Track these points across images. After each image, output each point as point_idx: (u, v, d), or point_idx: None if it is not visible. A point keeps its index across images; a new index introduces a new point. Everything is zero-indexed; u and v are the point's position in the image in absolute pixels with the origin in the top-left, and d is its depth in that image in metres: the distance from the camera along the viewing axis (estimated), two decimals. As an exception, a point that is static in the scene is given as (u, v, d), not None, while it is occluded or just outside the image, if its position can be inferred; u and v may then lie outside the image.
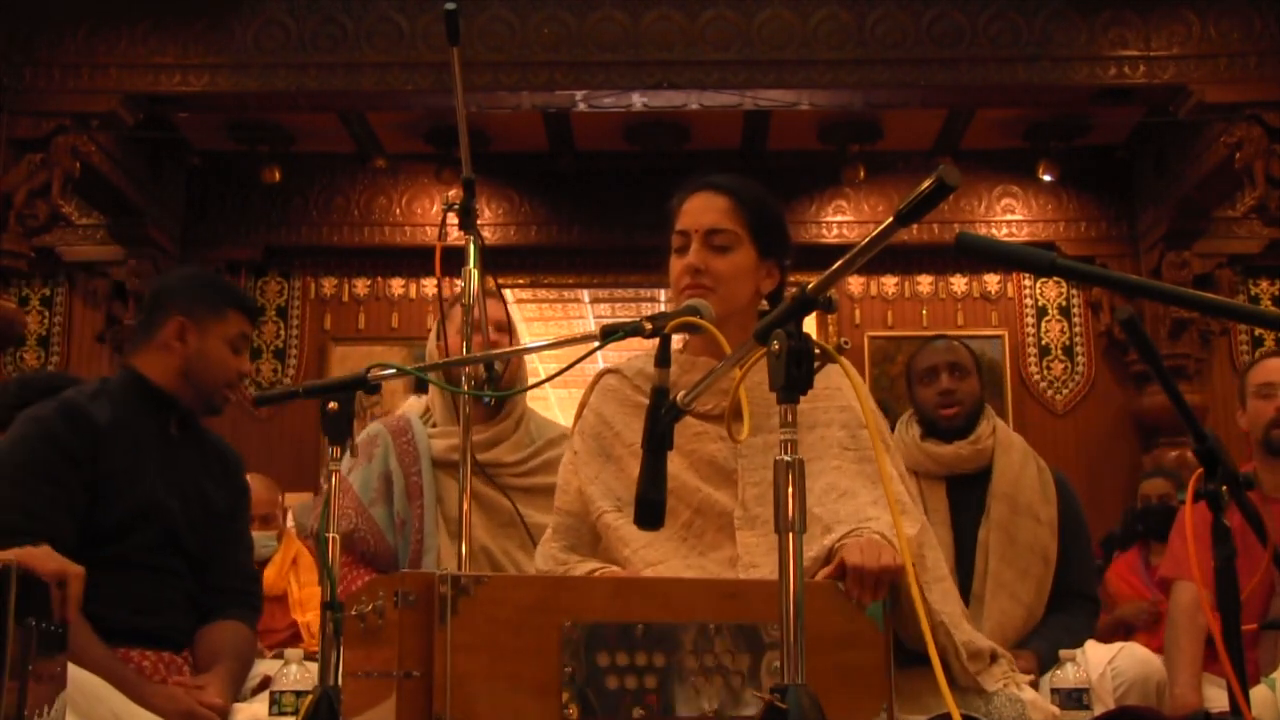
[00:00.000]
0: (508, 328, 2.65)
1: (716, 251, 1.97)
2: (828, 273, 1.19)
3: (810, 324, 3.88)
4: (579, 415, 2.10)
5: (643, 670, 1.43)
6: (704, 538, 1.89)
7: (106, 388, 2.42)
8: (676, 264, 2.00)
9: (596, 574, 1.86)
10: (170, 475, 2.40)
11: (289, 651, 2.24)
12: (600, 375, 2.11)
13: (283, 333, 7.09)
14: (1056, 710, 1.90)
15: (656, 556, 1.86)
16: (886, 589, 1.61)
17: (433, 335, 2.79)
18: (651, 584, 1.61)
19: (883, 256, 6.21)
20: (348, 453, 1.82)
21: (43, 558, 1.75)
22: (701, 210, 2.00)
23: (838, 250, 4.74)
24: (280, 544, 4.11)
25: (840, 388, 1.99)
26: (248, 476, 3.83)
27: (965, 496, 2.94)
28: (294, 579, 3.99)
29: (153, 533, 2.33)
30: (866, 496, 1.86)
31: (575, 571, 1.93)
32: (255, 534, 3.74)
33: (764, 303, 2.04)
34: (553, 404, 12.20)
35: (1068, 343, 7.01)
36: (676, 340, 2.07)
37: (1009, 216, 6.98)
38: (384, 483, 2.61)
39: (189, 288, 2.50)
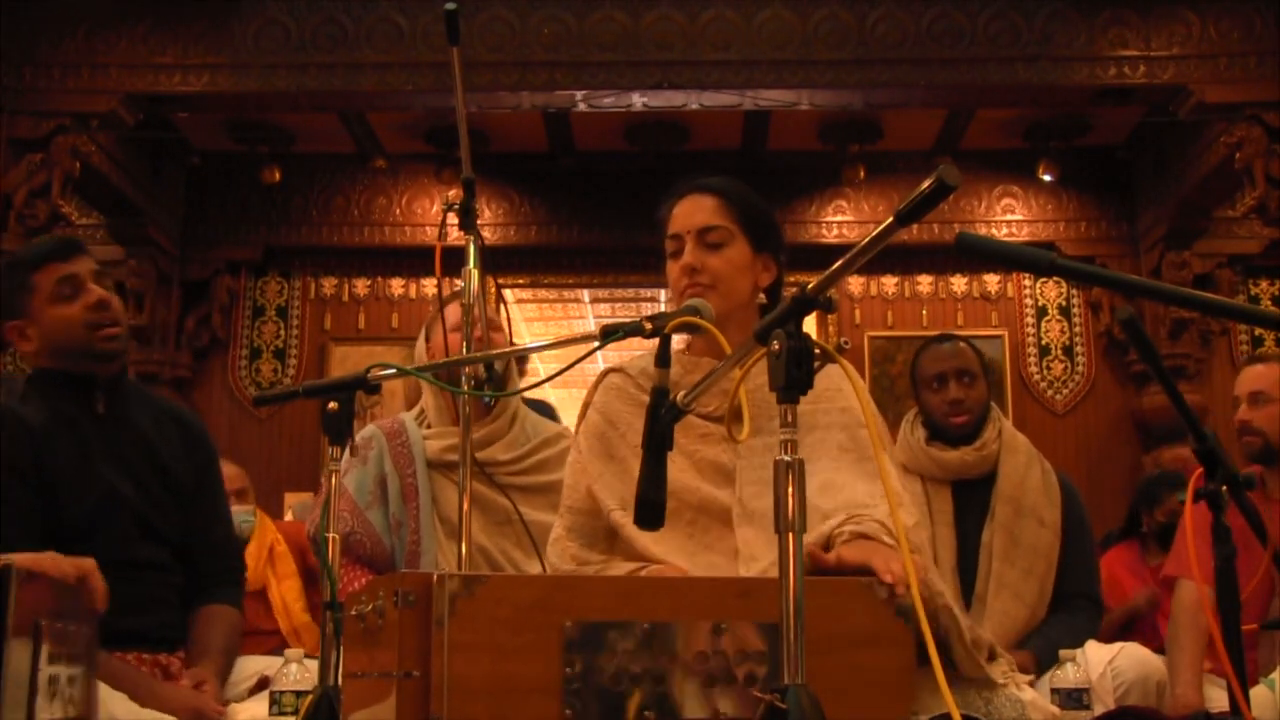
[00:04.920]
0: (501, 328, 2.65)
1: (711, 249, 1.99)
2: (828, 273, 1.19)
3: (810, 324, 3.88)
4: (583, 414, 2.10)
5: (645, 670, 1.43)
6: (710, 532, 1.89)
7: (31, 388, 2.32)
8: (673, 268, 2.02)
9: (643, 572, 1.85)
10: (121, 459, 2.31)
11: (289, 651, 2.23)
12: (604, 374, 2.11)
13: (283, 333, 7.08)
14: (1056, 710, 1.90)
15: (661, 552, 1.87)
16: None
17: (421, 337, 2.79)
18: (655, 583, 1.61)
19: (883, 256, 6.20)
20: (347, 452, 1.82)
21: (51, 562, 1.73)
22: (691, 211, 2.02)
23: (838, 250, 4.75)
24: (256, 522, 3.94)
25: (841, 389, 2.00)
26: None
27: (970, 498, 2.94)
28: (271, 572, 3.88)
29: (121, 524, 2.26)
30: (863, 490, 1.87)
31: (613, 571, 1.92)
32: (234, 508, 3.70)
33: (763, 297, 2.05)
34: (553, 404, 12.19)
35: (1068, 343, 7.01)
36: (680, 341, 2.08)
37: (1009, 216, 6.98)
38: (379, 485, 2.61)
39: None
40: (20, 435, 2.21)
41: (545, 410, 3.08)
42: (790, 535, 1.14)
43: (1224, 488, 1.56)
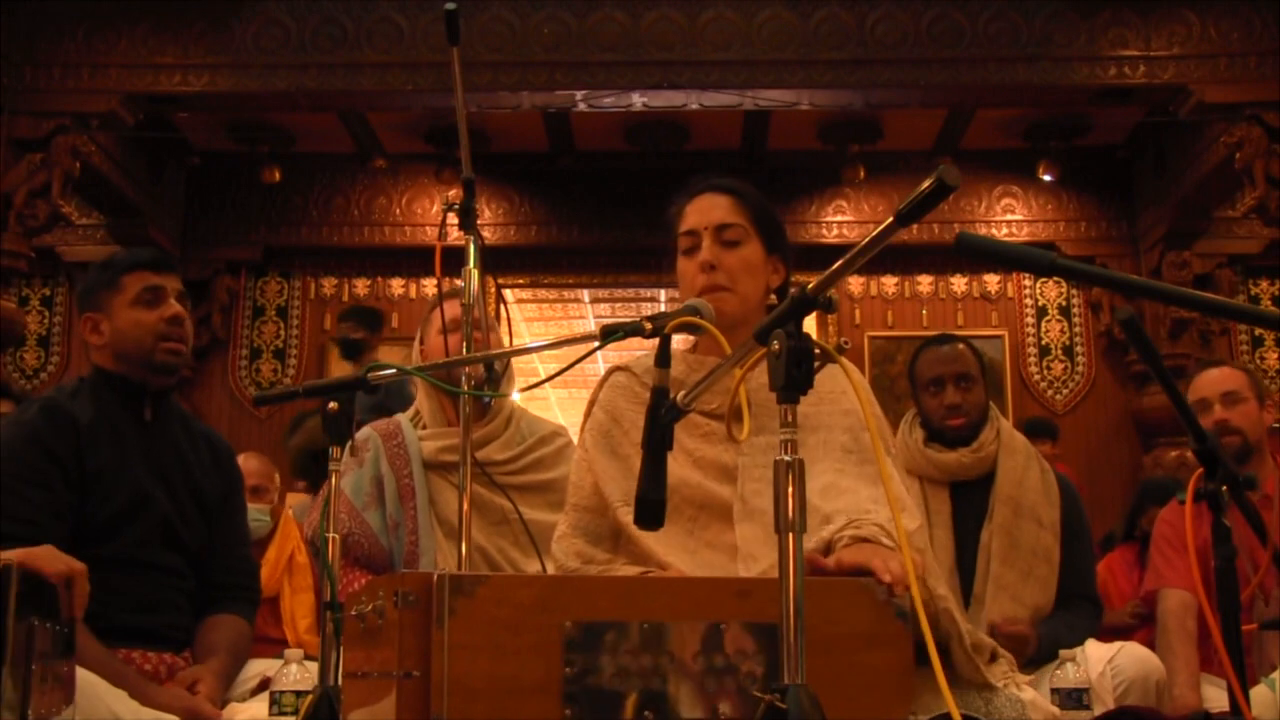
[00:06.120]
0: (492, 327, 2.64)
1: (727, 247, 1.99)
2: (828, 273, 1.19)
3: (810, 324, 3.88)
4: (588, 412, 2.10)
5: (645, 670, 1.43)
6: (710, 529, 1.89)
7: (84, 386, 2.42)
8: (688, 265, 2.01)
9: (648, 575, 1.85)
10: (156, 466, 2.39)
11: (289, 651, 2.23)
12: (610, 372, 2.12)
13: (283, 333, 7.09)
14: (1056, 710, 1.90)
15: (662, 550, 1.86)
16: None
17: (416, 340, 2.80)
18: (655, 583, 1.61)
19: (883, 256, 6.21)
20: (347, 452, 1.82)
21: (48, 558, 1.76)
22: (708, 209, 2.03)
23: (838, 250, 4.74)
24: (277, 525, 3.86)
25: (845, 390, 1.99)
26: (244, 453, 3.80)
27: (968, 500, 2.93)
28: (287, 582, 3.83)
29: (146, 527, 2.33)
30: (866, 494, 1.87)
31: (617, 570, 1.92)
32: (248, 505, 3.68)
33: (773, 298, 2.05)
34: (553, 404, 12.20)
35: (1068, 343, 7.01)
36: (686, 341, 2.07)
37: (1009, 216, 6.98)
38: (376, 486, 2.61)
39: (86, 283, 2.50)
40: (65, 428, 2.30)
41: None
42: (790, 535, 1.14)
43: (1224, 488, 1.56)
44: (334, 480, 1.80)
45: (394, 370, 1.92)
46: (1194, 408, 3.07)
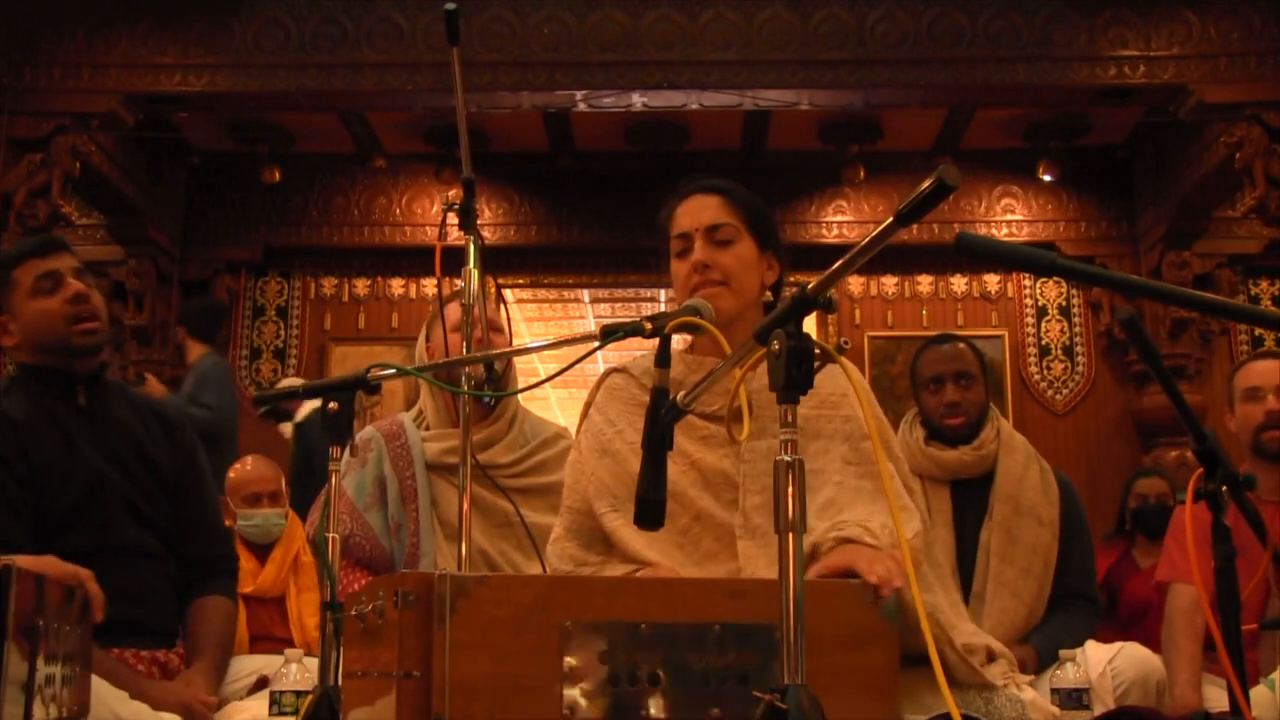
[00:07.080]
0: (502, 329, 2.64)
1: (720, 246, 1.99)
2: (828, 273, 1.19)
3: (810, 324, 3.88)
4: (584, 414, 2.10)
5: (645, 671, 1.43)
6: (701, 545, 1.88)
7: (14, 384, 2.39)
8: (681, 266, 2.01)
9: (639, 573, 1.85)
10: (105, 448, 2.36)
11: (289, 651, 2.23)
12: (606, 374, 2.11)
13: (283, 333, 7.08)
14: (1056, 710, 1.90)
15: (653, 557, 1.86)
16: (902, 580, 1.60)
17: (421, 337, 2.79)
18: (655, 584, 1.61)
19: (883, 256, 6.21)
20: (347, 452, 1.82)
21: (51, 567, 1.75)
22: (698, 210, 2.03)
23: (838, 250, 4.75)
24: (287, 525, 3.84)
25: (846, 394, 1.98)
26: (248, 458, 3.78)
27: (969, 498, 2.94)
28: (293, 582, 3.83)
29: (109, 510, 2.31)
30: (863, 512, 1.86)
31: (608, 572, 1.92)
32: (265, 512, 3.68)
33: (769, 295, 2.06)
34: (553, 404, 12.19)
35: (1068, 343, 7.01)
36: (684, 341, 2.07)
37: (1009, 216, 6.98)
38: (378, 487, 2.60)
39: None
40: (3, 428, 2.26)
41: None
42: (790, 535, 1.14)
43: (1224, 488, 1.56)
44: (334, 480, 1.80)
45: (394, 370, 1.92)
46: (1242, 395, 3.02)
